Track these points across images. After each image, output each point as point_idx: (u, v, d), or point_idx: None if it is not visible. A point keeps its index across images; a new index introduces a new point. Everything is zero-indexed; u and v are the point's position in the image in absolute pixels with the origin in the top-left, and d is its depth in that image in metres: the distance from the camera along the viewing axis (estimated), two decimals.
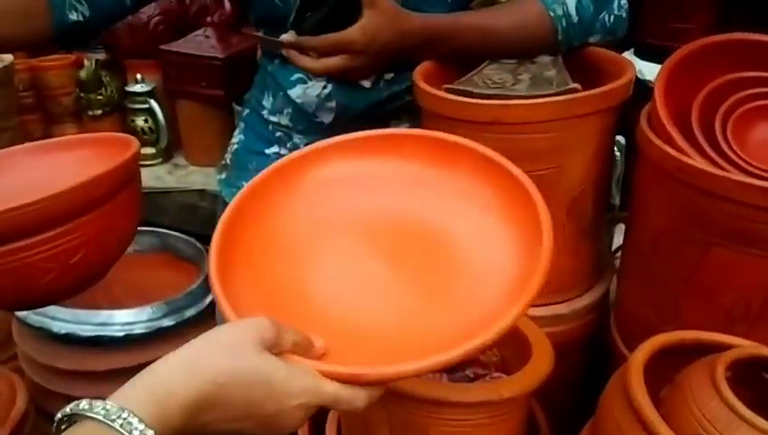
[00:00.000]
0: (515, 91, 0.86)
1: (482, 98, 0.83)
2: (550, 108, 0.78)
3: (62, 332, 1.25)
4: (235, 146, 1.18)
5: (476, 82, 0.88)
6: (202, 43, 1.60)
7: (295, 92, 1.06)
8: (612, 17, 0.89)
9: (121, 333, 1.26)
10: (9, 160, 0.75)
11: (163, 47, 1.64)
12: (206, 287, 1.42)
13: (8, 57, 1.61)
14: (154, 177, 1.71)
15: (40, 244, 0.57)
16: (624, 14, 0.90)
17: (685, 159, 0.72)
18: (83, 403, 0.42)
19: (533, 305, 0.80)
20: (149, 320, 1.29)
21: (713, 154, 0.76)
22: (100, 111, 1.72)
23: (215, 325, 0.48)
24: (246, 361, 0.45)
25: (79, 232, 0.59)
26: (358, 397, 0.48)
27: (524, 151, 0.81)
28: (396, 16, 0.85)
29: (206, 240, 1.54)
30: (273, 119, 1.10)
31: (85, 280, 0.64)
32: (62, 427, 0.42)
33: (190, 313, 1.34)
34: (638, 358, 0.65)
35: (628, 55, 1.38)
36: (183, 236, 1.54)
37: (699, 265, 0.74)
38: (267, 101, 1.11)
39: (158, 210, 1.64)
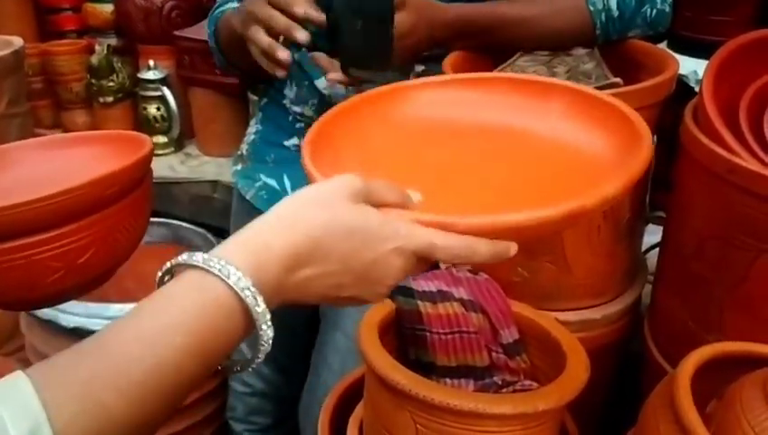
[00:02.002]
0: None
1: None
2: None
3: (72, 325, 1.22)
4: (252, 136, 1.14)
5: None
6: None
7: (323, 83, 1.02)
8: (655, 11, 0.85)
9: None
10: (20, 154, 0.72)
11: (176, 33, 1.59)
12: None
13: (18, 41, 1.56)
14: (166, 166, 1.67)
15: (47, 241, 0.55)
16: (667, 8, 0.86)
17: (735, 159, 0.68)
18: (183, 256, 0.42)
19: (565, 310, 0.77)
20: None
21: (762, 154, 0.71)
22: (111, 99, 1.68)
23: None
24: (339, 211, 0.45)
25: (88, 231, 0.57)
26: (453, 245, 0.46)
27: None
28: (426, 9, 0.82)
29: (218, 232, 1.53)
30: (296, 109, 1.07)
31: (92, 280, 0.62)
32: (165, 279, 0.43)
33: None
34: (686, 371, 0.61)
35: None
36: (195, 227, 1.51)
37: (748, 272, 0.70)
38: (290, 91, 1.07)
39: (169, 201, 1.60)
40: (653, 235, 1.03)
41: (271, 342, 0.42)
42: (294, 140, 1.08)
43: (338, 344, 1.08)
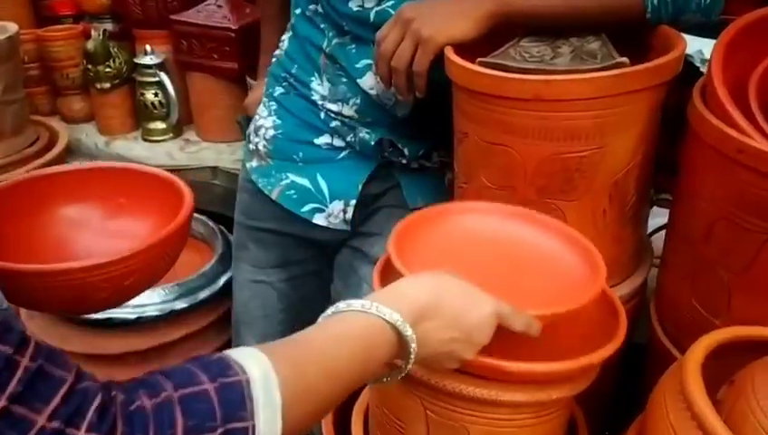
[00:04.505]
0: (555, 65, 0.80)
1: (521, 72, 0.77)
2: (595, 84, 0.72)
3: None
4: (272, 132, 1.09)
5: (513, 56, 0.82)
6: (214, 12, 1.53)
7: (367, 82, 0.97)
8: None
9: (133, 316, 1.23)
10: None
11: (173, 17, 1.57)
12: (219, 267, 1.37)
13: (13, 27, 1.54)
14: (165, 153, 1.65)
15: (100, 267, 0.64)
16: None
17: (745, 139, 0.66)
18: (341, 304, 0.57)
19: None
20: (162, 302, 1.25)
21: None
22: (108, 85, 1.66)
23: (229, 308, 0.59)
24: (450, 279, 0.61)
25: (134, 260, 0.66)
26: (522, 318, 0.62)
27: (565, 130, 0.76)
28: None
29: (219, 219, 1.51)
30: (331, 107, 1.02)
31: (134, 295, 0.71)
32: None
33: (204, 295, 1.30)
34: (696, 356, 0.60)
35: None
36: (196, 214, 1.49)
37: (757, 255, 0.69)
38: (322, 87, 1.02)
39: None
40: (657, 217, 1.02)
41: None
42: (327, 139, 1.04)
43: None
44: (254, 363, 0.48)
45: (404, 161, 1.03)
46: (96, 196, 0.79)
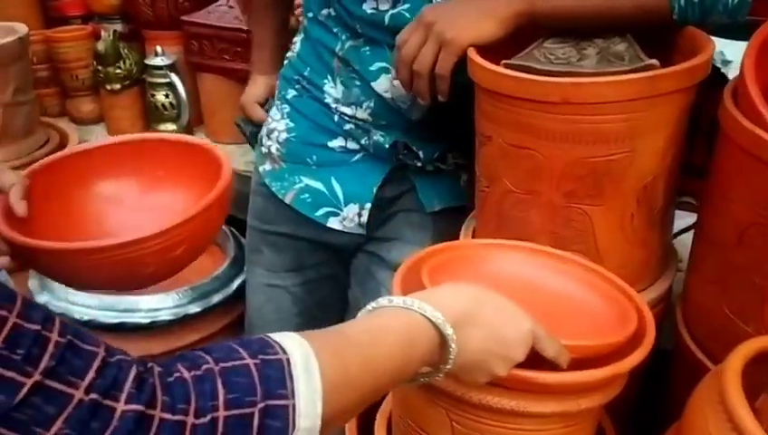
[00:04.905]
0: (582, 67, 0.79)
1: (547, 75, 0.76)
2: (627, 86, 0.71)
3: (85, 318, 1.20)
4: (285, 135, 1.08)
5: (538, 58, 0.81)
6: (226, 13, 1.51)
7: (381, 85, 0.96)
8: None
9: (146, 320, 1.21)
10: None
11: (184, 18, 1.55)
12: (231, 271, 1.36)
13: (23, 28, 1.53)
14: None
15: (144, 241, 0.63)
16: None
17: None
18: (382, 300, 0.57)
19: None
20: (176, 306, 1.24)
21: None
22: (118, 86, 1.65)
23: (241, 312, 0.59)
24: (488, 292, 0.60)
25: (179, 233, 0.65)
26: (554, 344, 0.62)
27: (595, 134, 0.74)
28: None
29: (231, 221, 1.49)
30: (345, 110, 1.01)
31: (179, 269, 0.71)
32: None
33: (217, 298, 1.29)
34: (734, 365, 0.59)
35: None
36: None
37: None
38: (335, 90, 1.01)
39: None
40: (678, 220, 1.00)
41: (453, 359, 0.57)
42: (341, 141, 1.03)
43: None
44: (295, 346, 0.47)
45: (419, 164, 1.02)
46: (133, 169, 0.78)
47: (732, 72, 0.97)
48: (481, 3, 0.83)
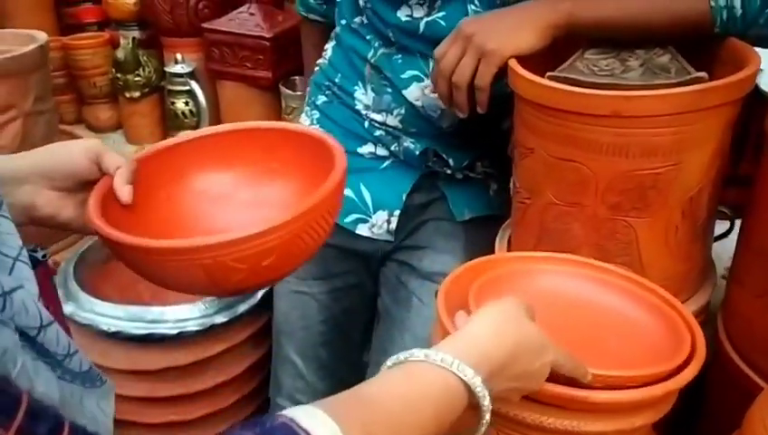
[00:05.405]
0: (627, 79, 0.78)
1: (592, 87, 0.75)
2: (678, 99, 0.71)
3: (112, 329, 1.20)
4: None
5: (581, 69, 0.80)
6: (247, 20, 1.51)
7: (412, 93, 0.96)
8: None
9: (174, 331, 1.21)
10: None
11: (205, 25, 1.55)
12: None
13: (43, 36, 1.52)
14: None
15: (234, 243, 0.54)
16: None
17: None
18: (417, 352, 0.52)
19: None
20: (202, 316, 1.23)
21: None
22: (138, 93, 1.64)
23: (267, 320, 0.54)
24: (526, 331, 0.57)
25: (274, 235, 0.55)
26: (573, 363, 0.59)
27: (642, 147, 0.74)
28: None
29: None
30: (375, 117, 1.01)
31: (271, 280, 0.63)
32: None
33: (243, 308, 1.28)
34: None
35: None
36: None
37: None
38: (365, 96, 1.01)
39: None
40: None
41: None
42: (370, 148, 1.03)
43: (407, 347, 1.04)
44: (322, 428, 0.42)
45: (448, 171, 1.02)
46: (244, 161, 0.71)
47: (764, 82, 0.97)
48: (519, 14, 0.83)
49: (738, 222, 0.89)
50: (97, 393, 0.54)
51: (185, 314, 1.22)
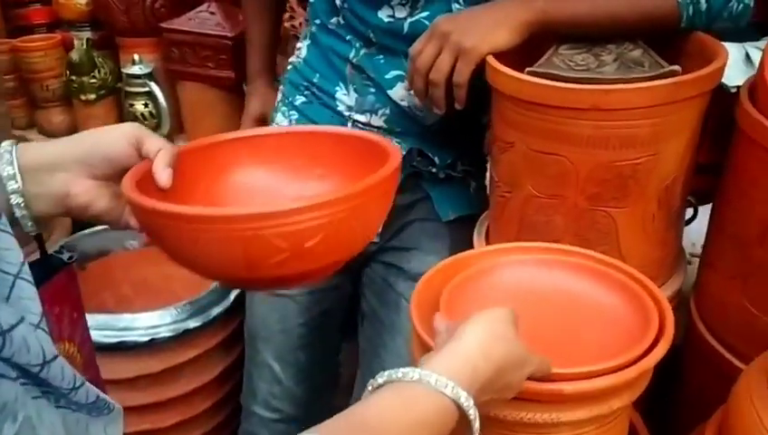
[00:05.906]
0: (603, 73, 0.80)
1: (571, 81, 0.77)
2: (655, 92, 0.73)
3: None
4: None
5: (558, 65, 0.82)
6: (207, 19, 1.48)
7: (397, 93, 0.96)
8: (741, 5, 0.82)
9: (146, 338, 1.18)
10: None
11: (164, 25, 1.51)
12: None
13: None
14: None
15: (277, 216, 0.50)
16: (751, 3, 0.84)
17: None
18: (410, 372, 0.50)
19: None
20: (174, 322, 1.21)
21: None
22: (93, 96, 1.59)
23: (238, 324, 0.53)
24: (513, 347, 0.56)
25: (322, 212, 0.51)
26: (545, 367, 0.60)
27: (622, 138, 0.76)
28: None
29: None
30: (359, 118, 1.00)
31: (315, 270, 0.57)
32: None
33: (216, 311, 1.26)
34: None
35: None
36: None
37: None
38: (347, 97, 1.00)
39: None
40: None
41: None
42: None
43: (399, 350, 1.04)
44: None
45: (433, 170, 1.02)
46: (289, 165, 0.68)
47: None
48: (495, 12, 0.84)
49: (702, 208, 0.93)
50: (104, 420, 0.52)
51: (156, 321, 1.20)
